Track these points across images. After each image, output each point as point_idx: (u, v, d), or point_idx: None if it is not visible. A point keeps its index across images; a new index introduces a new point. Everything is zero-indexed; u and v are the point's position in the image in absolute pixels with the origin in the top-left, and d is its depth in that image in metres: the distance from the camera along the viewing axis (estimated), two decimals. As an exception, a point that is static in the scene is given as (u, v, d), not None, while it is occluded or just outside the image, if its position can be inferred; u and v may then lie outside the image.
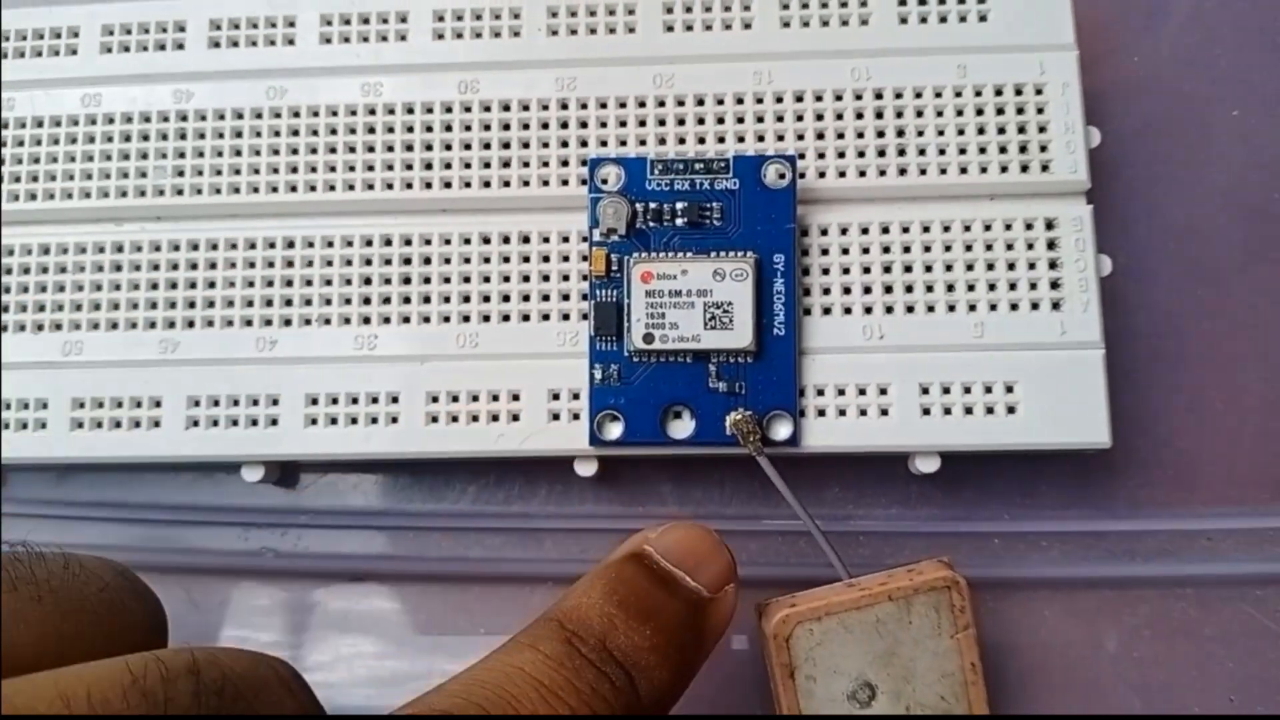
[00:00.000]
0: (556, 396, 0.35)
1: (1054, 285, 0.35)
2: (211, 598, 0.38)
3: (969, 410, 0.35)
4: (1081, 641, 0.36)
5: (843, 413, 0.35)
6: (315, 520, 0.38)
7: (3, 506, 0.38)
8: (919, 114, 0.36)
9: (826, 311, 0.35)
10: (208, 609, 0.38)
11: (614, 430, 0.35)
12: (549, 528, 0.37)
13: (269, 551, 0.38)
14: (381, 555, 0.38)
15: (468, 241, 0.36)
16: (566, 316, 0.36)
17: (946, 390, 0.35)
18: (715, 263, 0.34)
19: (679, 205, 0.35)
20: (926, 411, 0.35)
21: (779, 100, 0.36)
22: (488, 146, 0.36)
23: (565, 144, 0.36)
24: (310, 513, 0.38)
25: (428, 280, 0.36)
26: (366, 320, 0.36)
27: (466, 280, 0.36)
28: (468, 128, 0.36)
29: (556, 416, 0.35)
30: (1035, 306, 0.35)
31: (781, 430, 0.34)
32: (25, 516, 0.38)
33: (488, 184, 0.36)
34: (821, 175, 0.36)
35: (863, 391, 0.35)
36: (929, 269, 0.35)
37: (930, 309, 0.35)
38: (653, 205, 0.35)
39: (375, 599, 0.38)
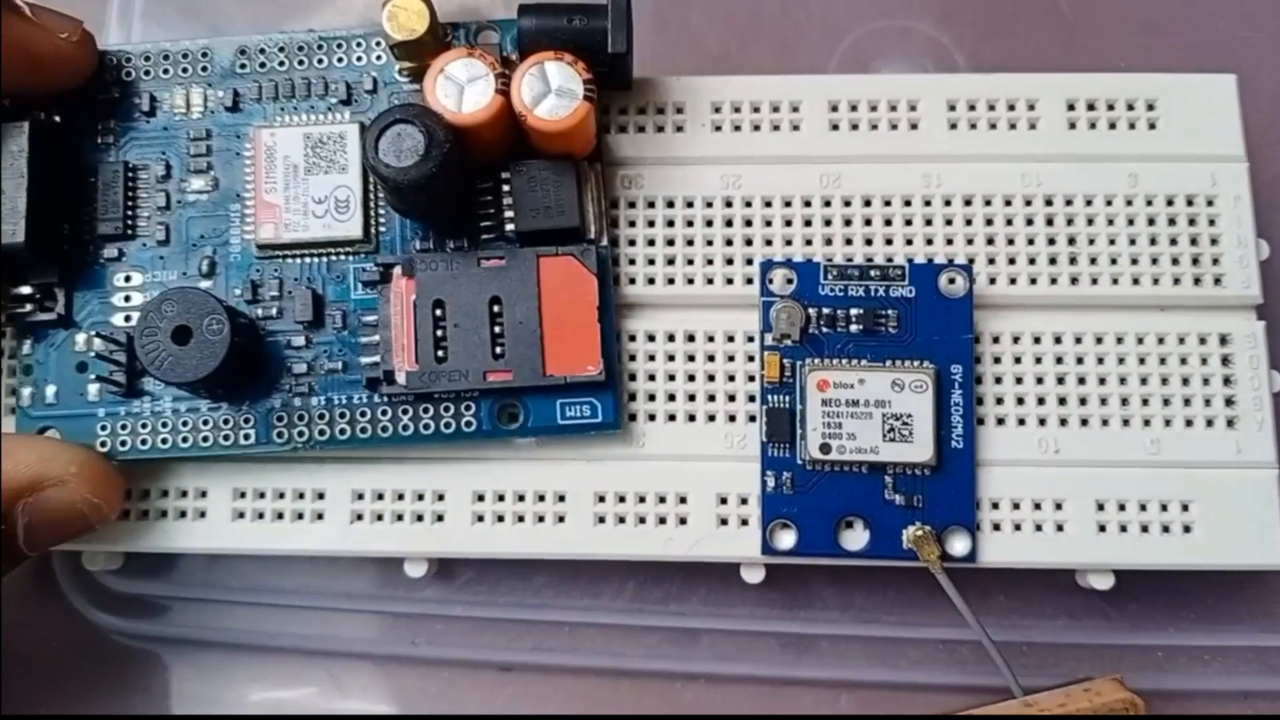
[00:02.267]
0: (725, 501, 0.35)
1: (1228, 402, 0.35)
2: (356, 682, 0.37)
3: (1144, 528, 0.34)
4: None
5: (1018, 527, 0.34)
6: (470, 611, 0.37)
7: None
8: (1089, 222, 0.36)
9: (1000, 422, 0.35)
10: (352, 693, 0.37)
11: (786, 539, 0.34)
12: (705, 628, 0.37)
13: (420, 640, 0.37)
14: (535, 648, 0.37)
15: (632, 339, 0.35)
16: (733, 418, 0.35)
17: (1122, 507, 0.34)
18: (894, 373, 0.34)
19: (853, 311, 0.34)
20: (1102, 528, 0.34)
21: (948, 203, 0.36)
22: (652, 243, 0.36)
23: (730, 242, 0.36)
24: (466, 603, 0.37)
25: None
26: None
27: (633, 379, 0.35)
28: (631, 224, 0.36)
29: (725, 522, 0.34)
30: (1210, 424, 0.35)
31: (958, 545, 0.34)
32: (177, 599, 0.37)
33: (652, 280, 0.35)
34: (992, 281, 0.35)
35: (1038, 506, 0.34)
36: (1102, 381, 0.35)
37: (1104, 423, 0.35)
38: (826, 310, 0.34)
39: (524, 691, 0.37)
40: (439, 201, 0.33)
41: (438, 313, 0.34)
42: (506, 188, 0.34)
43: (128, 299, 0.35)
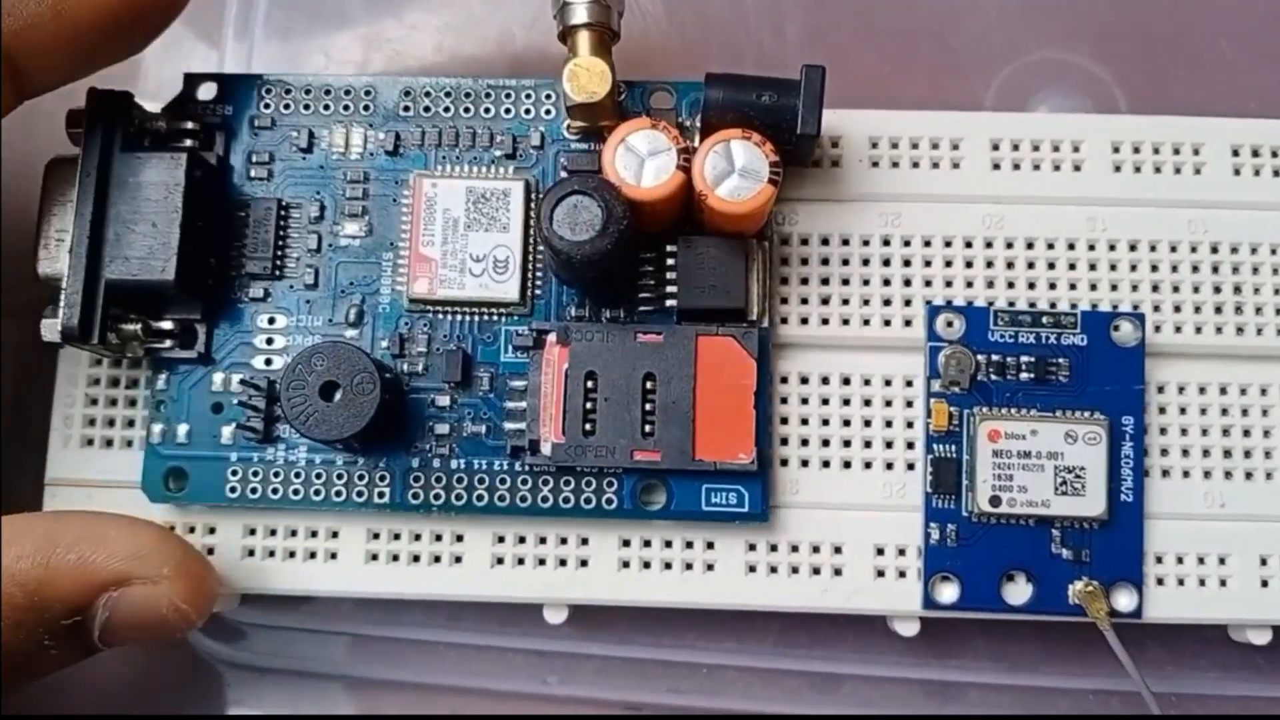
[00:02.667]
0: (882, 551, 0.34)
1: (1398, 458, 0.34)
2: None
3: (1311, 584, 0.34)
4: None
5: (1181, 582, 0.34)
6: (605, 651, 0.37)
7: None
8: (1255, 270, 0.35)
9: (1166, 475, 0.34)
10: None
11: (948, 593, 0.33)
12: (849, 673, 0.36)
13: (553, 680, 0.36)
14: (670, 690, 0.36)
15: (785, 380, 0.34)
16: (891, 466, 0.34)
17: (1287, 563, 0.34)
18: (1067, 424, 0.33)
19: (1024, 359, 0.33)
20: (1264, 584, 0.34)
21: (1113, 248, 0.35)
22: (806, 282, 0.35)
23: (888, 282, 0.35)
24: (601, 642, 0.37)
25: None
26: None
27: (785, 422, 0.34)
28: (784, 261, 0.35)
29: (882, 573, 0.34)
30: (1379, 479, 0.34)
31: (1123, 600, 0.33)
32: (316, 632, 0.37)
33: (806, 320, 0.35)
34: (1158, 330, 0.35)
35: (1202, 561, 0.34)
36: (1268, 434, 0.34)
37: (1269, 476, 0.34)
38: (995, 357, 0.34)
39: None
40: (605, 274, 0.32)
41: (589, 384, 0.33)
42: (671, 261, 0.33)
43: (270, 341, 0.34)
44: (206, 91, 0.35)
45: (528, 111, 0.35)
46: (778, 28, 0.39)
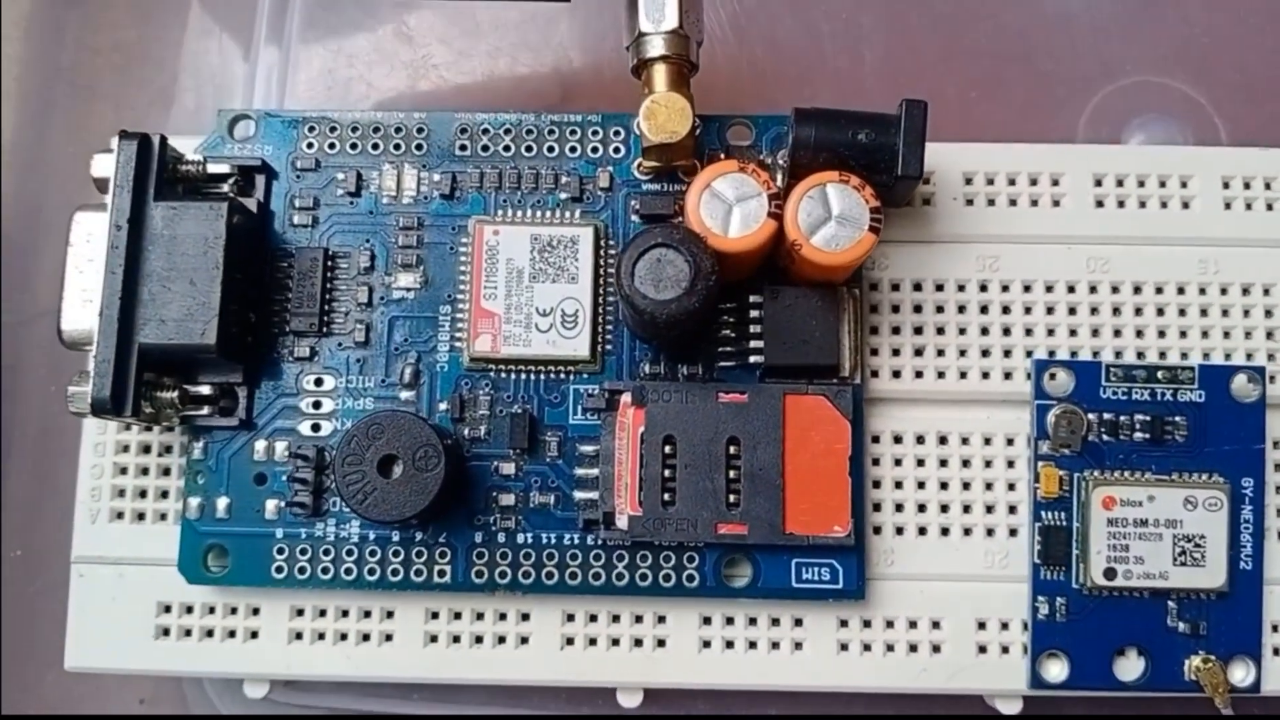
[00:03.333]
0: (983, 626, 0.31)
1: None
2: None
3: None
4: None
5: (1301, 652, 0.31)
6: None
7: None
8: (1378, 314, 0.32)
9: (1284, 538, 0.32)
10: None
11: (1057, 670, 0.31)
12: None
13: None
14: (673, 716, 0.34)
15: (876, 440, 0.32)
16: (992, 532, 0.32)
17: None
18: (1185, 489, 0.30)
19: (1138, 418, 0.31)
20: (1390, 652, 0.31)
21: (1224, 292, 0.32)
22: (897, 331, 0.32)
23: (986, 331, 0.32)
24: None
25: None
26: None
27: (877, 485, 0.32)
28: (874, 308, 0.32)
29: (984, 649, 0.31)
30: None
31: (1240, 674, 0.31)
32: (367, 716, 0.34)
33: (898, 374, 0.32)
34: (1272, 380, 0.32)
35: (1320, 628, 0.31)
36: (1395, 492, 0.32)
37: (1392, 536, 0.32)
38: (1108, 416, 0.31)
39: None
40: (688, 332, 0.30)
41: (667, 449, 0.30)
42: (755, 313, 0.30)
43: (317, 405, 0.31)
44: (244, 130, 0.32)
45: (594, 150, 0.32)
46: (855, 52, 0.37)
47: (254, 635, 0.31)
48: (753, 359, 0.31)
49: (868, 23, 0.36)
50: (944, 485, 0.32)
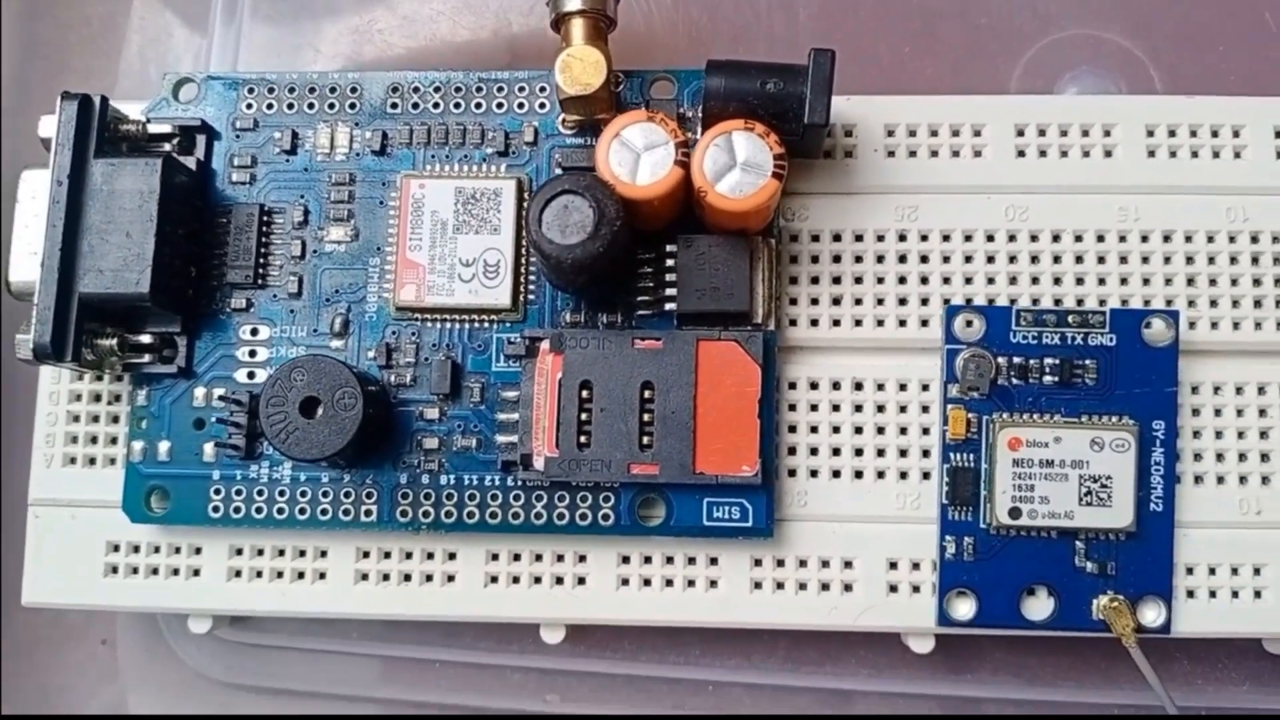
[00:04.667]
0: (895, 566, 0.32)
1: None
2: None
3: (1352, 596, 0.31)
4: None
5: (1214, 595, 0.32)
6: (608, 668, 0.35)
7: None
8: (1297, 260, 0.32)
9: (1199, 481, 0.32)
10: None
11: (964, 609, 0.32)
12: (861, 690, 0.35)
13: (553, 698, 0.35)
14: (675, 707, 0.35)
15: (793, 386, 0.32)
16: (905, 475, 0.32)
17: (1329, 573, 0.31)
18: (1093, 430, 0.31)
19: (1048, 361, 0.31)
20: (1302, 594, 0.31)
21: (1145, 240, 0.33)
22: (816, 281, 0.33)
23: (904, 280, 0.33)
24: (604, 659, 0.36)
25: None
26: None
27: (793, 430, 0.32)
28: (794, 259, 0.33)
29: (895, 589, 0.32)
30: None
31: (1150, 615, 0.31)
32: (309, 651, 0.36)
33: (815, 322, 0.33)
34: (1192, 326, 0.32)
35: (1235, 571, 0.32)
36: (1309, 436, 0.32)
37: (1310, 481, 0.32)
38: (1017, 360, 0.31)
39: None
40: (599, 278, 0.31)
41: (584, 394, 0.31)
42: (670, 262, 0.31)
43: (253, 354, 0.33)
44: (188, 93, 0.34)
45: (521, 106, 0.33)
46: (790, 10, 0.37)
47: (196, 573, 0.33)
48: (668, 306, 0.32)
49: (803, -20, 0.36)
50: (858, 430, 0.33)
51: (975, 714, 0.34)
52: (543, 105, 0.33)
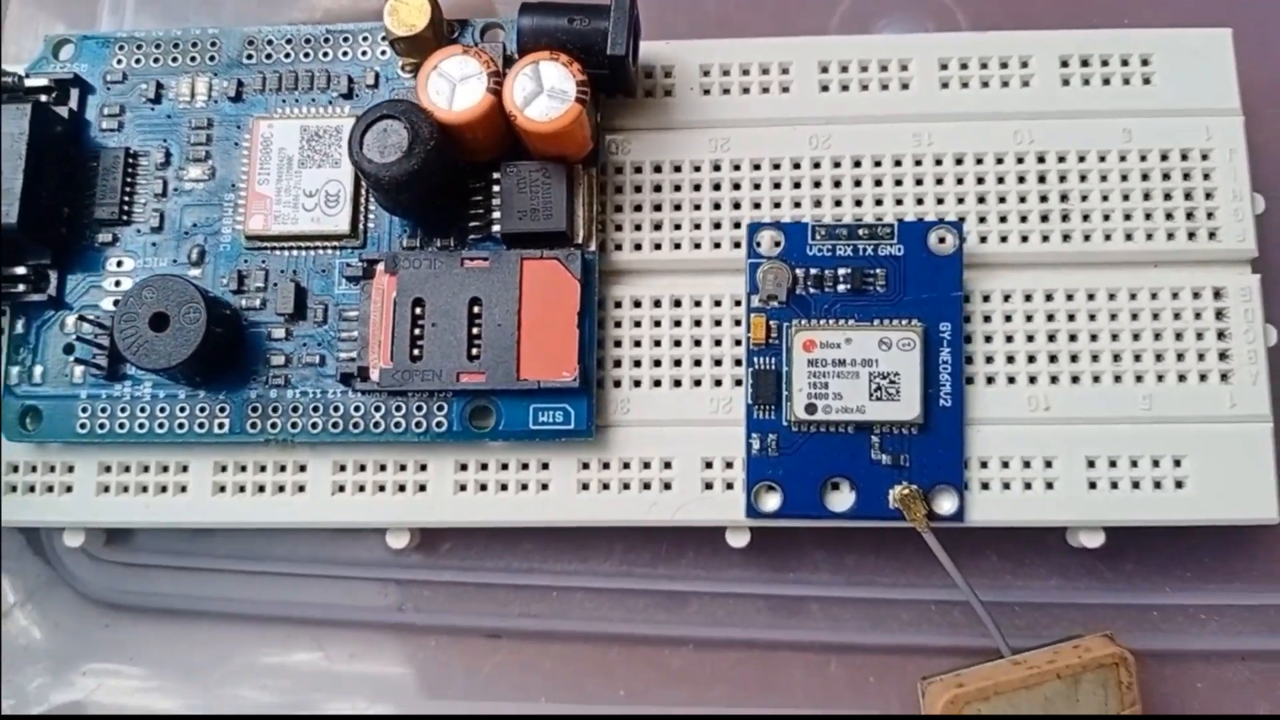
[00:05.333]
0: (710, 465, 0.35)
1: (1222, 356, 0.34)
2: (343, 650, 0.37)
3: (1135, 485, 0.34)
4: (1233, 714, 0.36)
5: (1007, 486, 0.34)
6: (457, 577, 0.38)
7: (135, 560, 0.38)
8: (1082, 178, 0.35)
9: (990, 381, 0.34)
10: (338, 660, 0.38)
11: (771, 502, 0.34)
12: (694, 591, 0.37)
13: (408, 608, 0.37)
14: (522, 614, 0.37)
15: (618, 305, 0.35)
16: (719, 383, 0.35)
17: (1113, 464, 0.34)
18: (881, 331, 0.34)
19: (841, 271, 0.34)
20: (1092, 485, 0.34)
21: (938, 162, 0.36)
22: (639, 209, 0.36)
23: (718, 206, 0.36)
24: (453, 568, 0.38)
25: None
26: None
27: (618, 344, 0.35)
28: (619, 189, 0.36)
29: (710, 486, 0.35)
30: (1204, 378, 0.34)
31: (946, 504, 0.34)
32: (160, 568, 0.38)
33: (639, 246, 0.35)
34: (983, 240, 0.35)
35: (1027, 464, 0.34)
36: (1094, 338, 0.35)
37: (1096, 379, 0.34)
38: (814, 271, 0.34)
39: (512, 657, 0.37)
40: (425, 199, 0.34)
41: (417, 311, 0.34)
42: (497, 188, 0.34)
43: (118, 284, 0.36)
44: (67, 52, 0.37)
45: (364, 54, 0.36)
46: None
47: (69, 489, 0.36)
48: (495, 229, 0.34)
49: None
50: (677, 343, 0.35)
51: (800, 612, 0.36)
52: (384, 53, 0.36)
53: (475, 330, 0.34)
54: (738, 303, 0.35)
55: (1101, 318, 0.34)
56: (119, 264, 0.35)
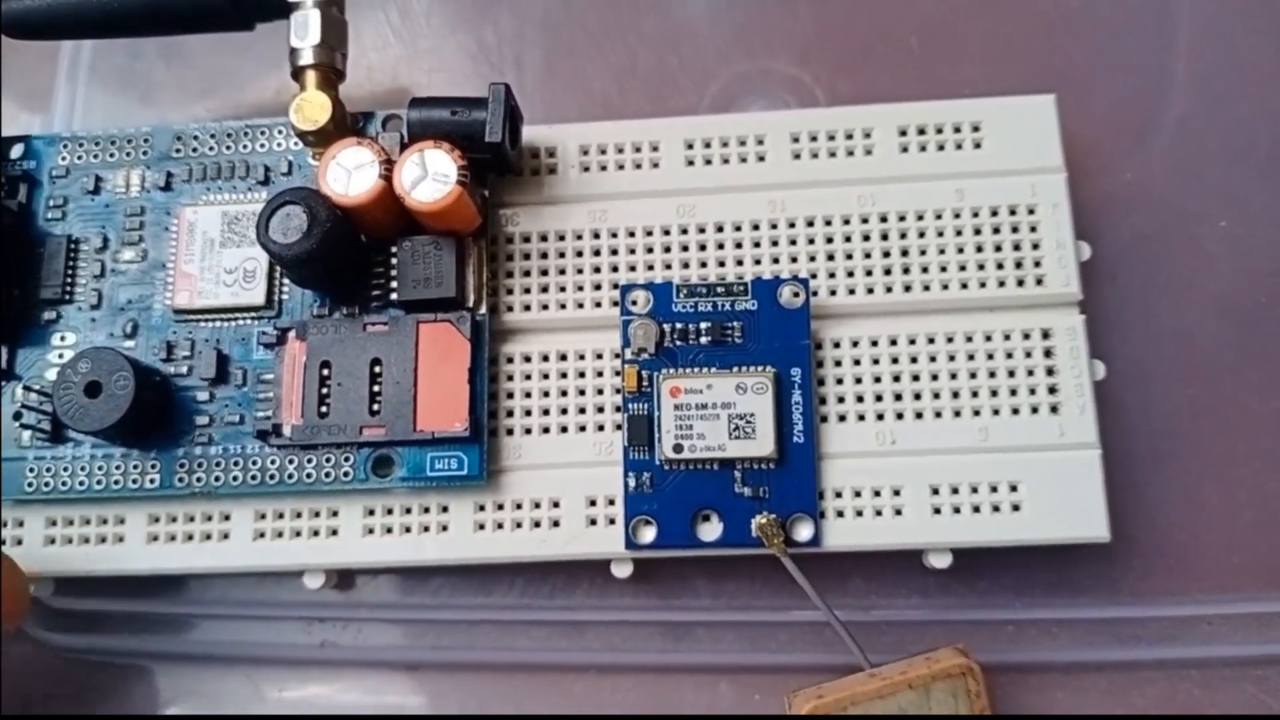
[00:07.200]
0: (594, 503, 0.38)
1: (1051, 390, 0.38)
2: (274, 685, 0.41)
3: (976, 509, 0.37)
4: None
5: (860, 513, 0.38)
6: (373, 614, 0.41)
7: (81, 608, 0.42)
8: (921, 234, 0.39)
9: (842, 419, 0.38)
10: (269, 695, 0.41)
11: (647, 534, 0.38)
12: (591, 620, 0.40)
13: (330, 644, 0.41)
14: (435, 646, 0.41)
15: (510, 360, 0.39)
16: (601, 428, 0.39)
17: (955, 490, 0.37)
18: (737, 377, 0.37)
19: (703, 325, 0.38)
20: (937, 510, 0.37)
21: (792, 225, 0.40)
22: (527, 274, 0.40)
23: (597, 270, 0.40)
24: (369, 606, 0.41)
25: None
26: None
27: (510, 396, 0.39)
28: (509, 257, 0.40)
29: (594, 522, 0.38)
30: (1035, 410, 0.38)
31: (803, 531, 0.37)
32: (101, 614, 0.41)
33: (527, 307, 0.39)
34: (833, 293, 0.39)
35: (878, 493, 0.38)
36: (935, 378, 0.38)
37: (938, 415, 0.38)
38: (679, 325, 0.38)
39: (430, 687, 0.40)
40: (328, 273, 0.38)
41: (324, 372, 0.38)
42: (395, 260, 0.38)
43: (61, 356, 0.40)
44: (17, 150, 0.42)
45: (279, 145, 0.41)
46: (519, 62, 0.45)
47: (19, 542, 0.40)
48: (393, 296, 0.39)
49: (530, 34, 0.44)
50: (563, 393, 0.39)
51: (687, 637, 0.40)
52: (297, 143, 0.41)
53: (376, 388, 0.38)
54: (616, 355, 0.39)
55: (941, 359, 0.38)
56: (62, 338, 0.40)
